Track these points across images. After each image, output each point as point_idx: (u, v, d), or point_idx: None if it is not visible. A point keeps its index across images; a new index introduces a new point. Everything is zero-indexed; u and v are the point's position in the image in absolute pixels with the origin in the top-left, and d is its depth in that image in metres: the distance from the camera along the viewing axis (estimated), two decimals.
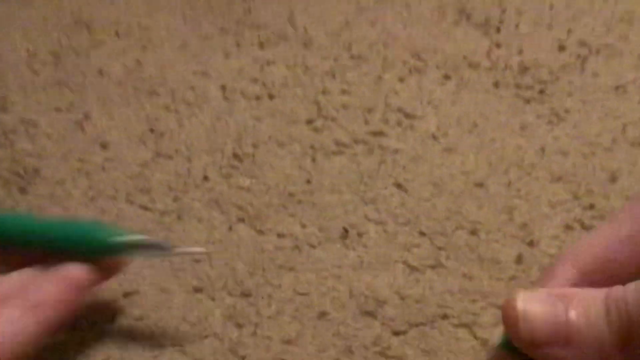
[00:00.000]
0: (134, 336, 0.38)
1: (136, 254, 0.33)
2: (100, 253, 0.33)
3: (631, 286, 0.25)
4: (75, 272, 0.32)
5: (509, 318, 0.27)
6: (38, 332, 0.31)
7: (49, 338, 0.32)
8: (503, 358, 0.29)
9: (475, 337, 0.34)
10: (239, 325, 0.38)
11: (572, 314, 0.25)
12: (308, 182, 0.45)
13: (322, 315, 0.36)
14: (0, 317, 0.30)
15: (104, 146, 0.49)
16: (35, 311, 0.31)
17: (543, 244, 0.39)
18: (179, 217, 0.44)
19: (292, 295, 0.39)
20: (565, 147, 0.46)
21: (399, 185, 0.44)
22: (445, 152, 0.47)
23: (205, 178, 0.47)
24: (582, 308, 0.25)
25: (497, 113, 0.50)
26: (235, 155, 0.48)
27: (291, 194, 0.44)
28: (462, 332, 0.34)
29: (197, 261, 0.40)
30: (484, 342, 0.34)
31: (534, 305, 0.26)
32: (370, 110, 0.51)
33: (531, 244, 0.39)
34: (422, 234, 0.41)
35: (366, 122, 0.50)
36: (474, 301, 0.36)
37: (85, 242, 0.33)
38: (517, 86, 0.53)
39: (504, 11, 0.63)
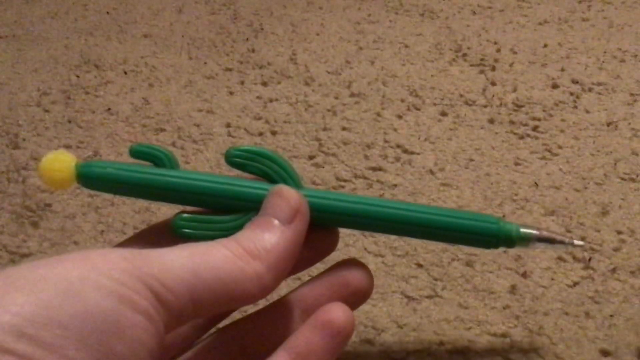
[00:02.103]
0: None
1: (530, 246, 0.32)
2: (498, 244, 0.31)
3: None
4: (339, 318, 0.29)
5: None
6: None
7: None
8: None
9: None
10: None
11: None
12: None
13: None
14: None
15: None
16: None
17: (536, 275, 0.40)
18: None
19: None
20: (558, 181, 0.48)
21: None
22: (442, 186, 0.48)
23: None
24: None
25: (492, 149, 0.52)
26: None
27: None
28: (457, 358, 0.36)
29: None
30: None
31: None
32: (369, 146, 0.53)
33: (524, 275, 0.40)
34: (419, 265, 0.42)
35: (366, 158, 0.51)
36: (469, 329, 0.37)
37: (489, 231, 0.31)
38: (512, 123, 0.54)
39: (499, 50, 0.65)
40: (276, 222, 0.28)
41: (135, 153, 0.31)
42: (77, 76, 0.67)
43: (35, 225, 0.47)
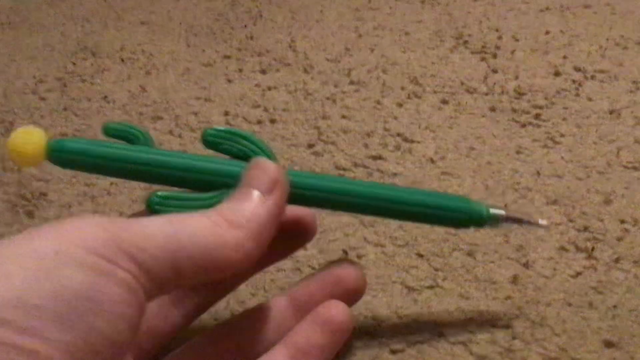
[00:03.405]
0: None
1: (499, 225, 0.33)
2: (468, 224, 0.32)
3: None
4: (339, 315, 0.30)
5: None
6: None
7: None
8: None
9: (471, 353, 0.35)
10: None
11: None
12: None
13: None
14: None
15: None
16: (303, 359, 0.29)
17: (538, 265, 0.40)
18: None
19: None
20: (560, 170, 0.47)
21: None
22: (442, 175, 0.48)
23: None
24: None
25: (494, 137, 0.51)
26: None
27: None
28: (458, 349, 0.35)
29: None
30: (480, 358, 0.35)
31: None
32: (369, 135, 0.52)
33: (526, 265, 0.40)
34: (419, 255, 0.41)
35: (365, 146, 0.51)
36: (470, 320, 0.37)
37: (459, 211, 0.32)
38: (513, 111, 0.54)
39: (500, 37, 0.64)
40: (256, 192, 0.28)
41: (110, 131, 0.31)
42: (74, 63, 0.66)
43: (31, 215, 0.47)
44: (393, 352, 0.35)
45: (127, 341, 0.23)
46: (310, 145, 0.51)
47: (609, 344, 0.35)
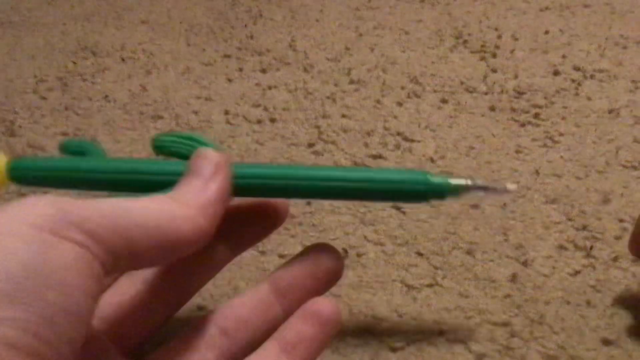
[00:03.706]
0: None
1: (461, 196, 0.32)
2: (428, 196, 0.31)
3: None
4: (327, 309, 0.30)
5: None
6: None
7: None
8: None
9: (470, 351, 0.35)
10: None
11: None
12: (309, 204, 0.46)
13: None
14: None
15: None
16: (292, 353, 0.29)
17: (537, 264, 0.40)
18: None
19: None
20: (559, 169, 0.47)
21: (397, 207, 0.45)
22: (442, 174, 0.48)
23: None
24: None
25: (493, 136, 0.51)
26: None
27: (292, 216, 0.45)
28: (457, 347, 0.35)
29: None
30: (479, 356, 0.35)
31: None
32: (369, 134, 0.52)
33: (525, 263, 0.40)
34: (419, 254, 0.42)
35: (365, 145, 0.51)
36: (469, 318, 0.37)
37: (418, 183, 0.31)
38: (513, 110, 0.54)
39: (499, 37, 0.65)
40: (200, 178, 0.29)
41: (65, 147, 0.32)
42: (74, 63, 0.66)
43: None
44: (393, 350, 0.36)
45: (86, 312, 0.23)
46: (311, 145, 0.52)
47: (607, 342, 0.35)
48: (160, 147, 0.32)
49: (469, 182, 0.31)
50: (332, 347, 0.36)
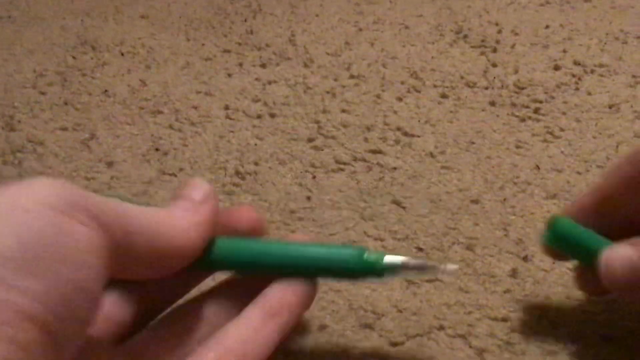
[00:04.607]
0: None
1: (399, 274, 0.31)
2: (363, 275, 0.31)
3: None
4: (305, 284, 0.31)
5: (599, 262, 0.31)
6: (277, 342, 0.29)
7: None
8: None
9: (470, 346, 0.35)
10: None
11: None
12: (308, 199, 0.46)
13: (322, 328, 0.37)
14: (241, 324, 0.29)
15: (110, 164, 0.50)
16: (275, 317, 0.29)
17: (537, 259, 0.40)
18: None
19: None
20: (559, 164, 0.47)
21: (397, 202, 0.45)
22: (442, 169, 0.48)
23: None
24: None
25: (493, 131, 0.51)
26: (238, 173, 0.49)
27: (292, 211, 0.45)
28: (457, 342, 0.35)
29: None
30: (479, 351, 0.35)
31: (616, 251, 0.31)
32: (369, 129, 0.52)
33: (525, 259, 0.40)
34: (419, 249, 0.42)
35: (365, 140, 0.51)
36: (469, 313, 0.37)
37: (352, 262, 0.31)
38: (513, 105, 0.54)
39: (500, 31, 0.64)
40: (191, 202, 0.30)
41: None
42: (74, 57, 0.66)
43: None
44: (393, 344, 0.36)
45: (97, 292, 0.23)
46: (310, 140, 0.51)
47: (607, 338, 0.35)
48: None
49: (406, 262, 0.31)
50: (333, 342, 0.36)
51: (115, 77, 0.62)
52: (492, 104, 0.54)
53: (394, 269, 0.31)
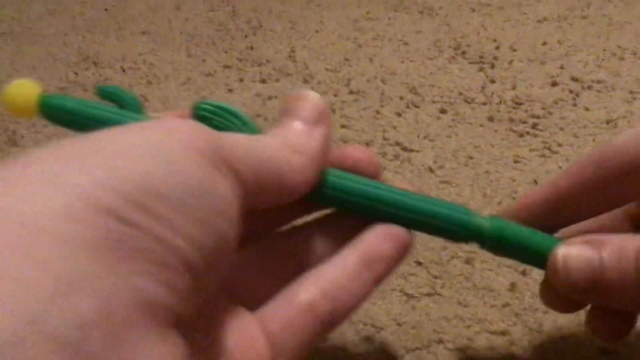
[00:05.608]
0: None
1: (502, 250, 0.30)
2: (469, 238, 0.29)
3: None
4: (403, 232, 0.28)
5: (550, 264, 0.28)
6: (368, 294, 0.27)
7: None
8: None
9: None
10: None
11: (605, 260, 0.26)
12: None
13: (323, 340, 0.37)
14: (338, 268, 0.27)
15: None
16: (371, 267, 0.27)
17: (535, 273, 0.40)
18: None
19: None
20: None
21: None
22: (441, 184, 0.48)
23: None
24: (615, 254, 0.26)
25: (492, 146, 0.52)
26: None
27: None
28: (456, 356, 0.36)
29: None
30: None
31: (571, 251, 0.27)
32: (368, 144, 0.52)
33: (524, 272, 0.40)
34: (418, 263, 0.42)
35: None
36: (468, 327, 0.37)
37: (462, 225, 0.29)
38: (511, 120, 0.54)
39: (498, 47, 0.65)
40: (304, 122, 0.27)
41: (103, 93, 0.31)
42: (76, 73, 0.66)
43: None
44: (392, 358, 0.36)
45: (235, 246, 0.22)
46: None
47: (605, 352, 0.36)
48: (201, 117, 0.30)
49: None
50: (331, 355, 0.36)
51: None
52: (491, 119, 0.55)
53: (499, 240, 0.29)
